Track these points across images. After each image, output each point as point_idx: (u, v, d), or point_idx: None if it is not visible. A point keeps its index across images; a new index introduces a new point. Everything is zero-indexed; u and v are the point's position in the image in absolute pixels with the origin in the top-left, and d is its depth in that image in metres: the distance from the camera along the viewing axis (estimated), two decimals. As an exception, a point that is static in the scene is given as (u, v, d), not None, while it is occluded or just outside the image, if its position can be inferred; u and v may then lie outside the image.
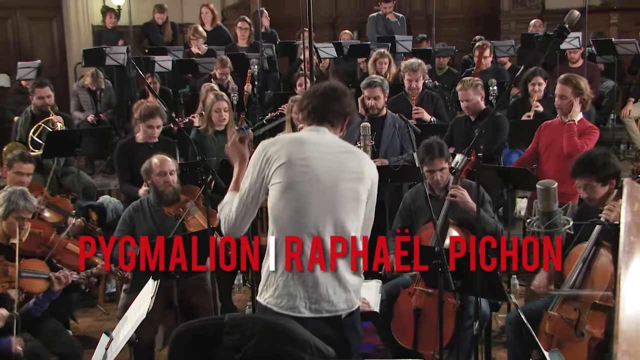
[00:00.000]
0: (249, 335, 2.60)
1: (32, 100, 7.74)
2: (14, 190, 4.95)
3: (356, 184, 3.52)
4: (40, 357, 4.71)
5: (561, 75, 6.21)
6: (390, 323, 5.17)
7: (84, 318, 6.44)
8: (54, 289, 4.66)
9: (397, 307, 5.15)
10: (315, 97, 3.58)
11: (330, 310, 3.47)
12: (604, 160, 4.65)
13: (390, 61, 9.17)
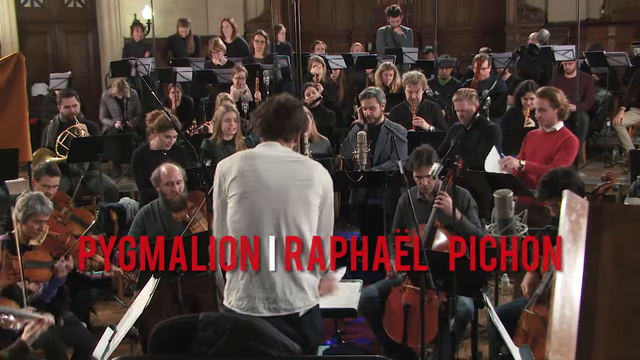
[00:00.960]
0: (221, 332, 2.63)
1: (59, 109, 7.83)
2: (31, 196, 5.01)
3: (305, 190, 3.56)
4: (56, 347, 4.71)
5: (538, 90, 6.24)
6: (382, 319, 5.20)
7: (104, 311, 6.50)
8: (58, 276, 4.73)
9: (389, 304, 5.18)
10: (268, 116, 3.63)
11: (288, 309, 3.53)
12: (565, 180, 4.60)
13: (395, 73, 9.18)
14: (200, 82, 10.33)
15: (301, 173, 3.60)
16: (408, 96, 7.69)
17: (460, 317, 4.80)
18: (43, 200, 5.00)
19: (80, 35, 14.33)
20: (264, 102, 3.83)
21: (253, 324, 2.73)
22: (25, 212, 4.93)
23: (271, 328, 2.77)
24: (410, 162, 5.29)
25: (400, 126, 6.96)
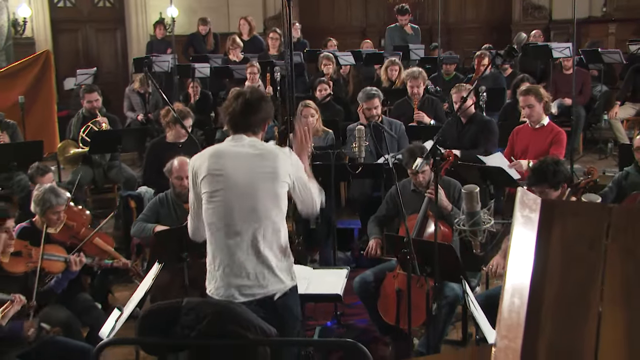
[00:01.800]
0: (202, 317, 2.69)
1: (82, 104, 7.93)
2: (45, 189, 5.06)
3: (272, 183, 3.59)
4: (73, 326, 4.82)
5: (520, 88, 6.24)
6: (377, 302, 5.23)
7: (122, 292, 6.56)
8: (72, 270, 4.78)
9: (383, 289, 5.19)
10: (235, 114, 3.65)
11: (262, 294, 3.55)
12: (554, 168, 4.62)
13: (400, 68, 9.20)
14: (218, 78, 10.39)
15: (266, 165, 3.60)
16: (410, 91, 7.70)
17: (450, 301, 4.84)
18: (57, 192, 5.07)
19: (109, 33, 14.36)
20: (230, 98, 3.79)
21: (232, 309, 2.79)
22: (42, 206, 5.00)
23: (249, 313, 2.83)
24: (404, 159, 5.31)
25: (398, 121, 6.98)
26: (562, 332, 1.98)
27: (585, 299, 1.98)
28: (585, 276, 2.00)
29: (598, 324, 1.93)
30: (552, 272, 2.05)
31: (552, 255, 2.06)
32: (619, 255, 1.99)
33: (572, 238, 2.06)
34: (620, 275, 1.97)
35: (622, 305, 1.94)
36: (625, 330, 1.90)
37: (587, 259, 2.02)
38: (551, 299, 2.02)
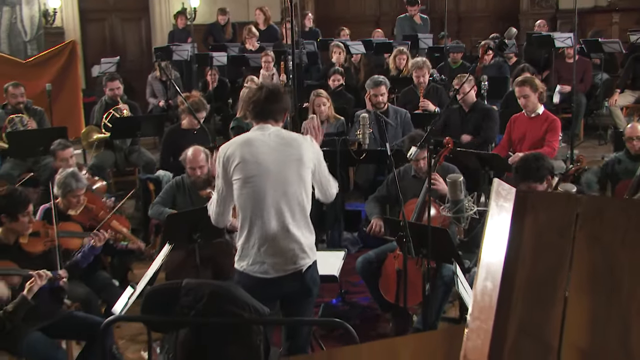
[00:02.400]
0: (200, 297, 2.75)
1: (105, 91, 8.00)
2: (67, 174, 5.14)
3: (299, 168, 3.70)
4: (92, 302, 4.89)
5: (517, 79, 6.24)
6: (379, 281, 5.26)
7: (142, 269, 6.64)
8: (96, 246, 4.81)
9: (384, 268, 5.21)
10: (259, 101, 3.75)
11: (293, 268, 3.69)
12: (536, 165, 4.62)
13: (408, 57, 9.17)
14: (235, 66, 10.40)
15: (293, 153, 3.71)
16: (415, 80, 7.71)
17: (447, 281, 4.86)
18: (78, 177, 5.15)
19: (134, 22, 14.37)
20: (255, 89, 3.90)
21: (228, 290, 2.84)
22: (63, 189, 5.10)
23: (244, 293, 2.89)
24: (405, 146, 5.33)
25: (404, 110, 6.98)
26: (531, 313, 2.00)
27: (553, 284, 2.00)
28: (555, 262, 2.02)
29: (564, 307, 1.95)
30: (524, 258, 2.07)
31: (524, 242, 2.07)
32: (587, 243, 2.00)
33: (543, 226, 2.08)
34: (587, 262, 1.98)
35: (587, 290, 1.96)
36: (589, 314, 1.92)
37: (557, 246, 2.04)
38: (522, 283, 2.05)
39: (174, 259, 5.32)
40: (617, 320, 1.84)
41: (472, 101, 6.64)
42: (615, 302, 1.88)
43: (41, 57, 9.20)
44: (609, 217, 1.99)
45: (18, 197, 4.41)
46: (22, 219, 4.39)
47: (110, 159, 7.61)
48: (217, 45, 11.03)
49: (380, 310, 5.44)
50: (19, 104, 7.68)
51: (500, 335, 1.96)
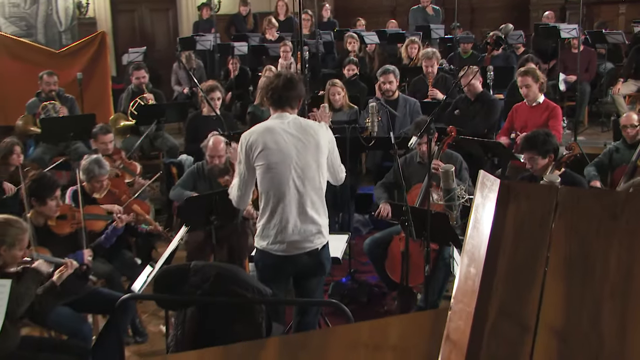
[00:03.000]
0: (207, 278, 2.81)
1: (131, 80, 8.07)
2: (91, 160, 5.23)
3: (317, 154, 3.79)
4: (115, 280, 5.01)
5: (519, 70, 6.22)
6: (385, 262, 5.33)
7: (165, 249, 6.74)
8: (117, 228, 4.89)
9: (391, 250, 5.28)
10: (278, 87, 3.80)
11: (310, 247, 3.79)
12: (544, 138, 4.68)
13: (419, 47, 9.14)
14: (255, 55, 10.41)
15: (311, 140, 3.79)
16: (425, 70, 7.70)
17: (448, 262, 4.89)
18: (101, 164, 5.24)
19: (162, 12, 14.35)
20: (272, 77, 3.94)
21: (233, 272, 2.91)
22: (87, 175, 5.20)
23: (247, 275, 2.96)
24: (411, 133, 5.35)
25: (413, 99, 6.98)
26: (510, 297, 2.02)
27: (532, 270, 2.02)
28: (534, 249, 2.04)
29: (541, 291, 1.97)
30: (505, 245, 2.08)
31: (506, 230, 2.09)
32: (564, 232, 2.01)
33: (524, 215, 2.09)
34: (564, 249, 2.00)
35: (563, 276, 1.98)
36: (564, 297, 1.94)
37: (536, 235, 2.05)
38: (503, 269, 2.07)
39: (193, 239, 5.41)
40: (589, 303, 1.85)
41: (478, 92, 6.62)
42: (588, 287, 1.89)
43: (73, 47, 9.28)
44: (585, 207, 2.01)
45: (47, 182, 4.50)
46: (51, 203, 4.48)
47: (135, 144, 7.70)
48: (238, 35, 11.05)
49: (387, 289, 5.51)
50: (51, 92, 7.78)
51: (481, 317, 1.99)
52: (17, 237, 3.72)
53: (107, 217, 5.00)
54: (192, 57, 10.00)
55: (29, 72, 8.31)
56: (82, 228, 4.61)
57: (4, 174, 6.04)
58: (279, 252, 3.76)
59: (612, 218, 1.94)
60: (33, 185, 4.49)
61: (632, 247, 1.89)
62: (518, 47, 9.67)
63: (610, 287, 1.85)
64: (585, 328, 1.81)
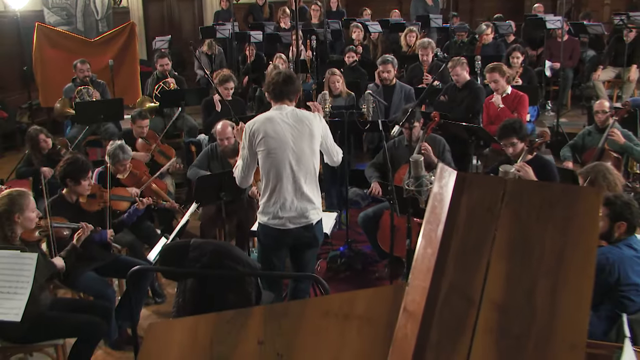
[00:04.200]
0: (204, 253, 2.91)
1: (156, 67, 8.16)
2: (115, 146, 5.35)
3: (311, 142, 3.88)
4: (137, 247, 5.14)
5: (487, 66, 6.27)
6: (377, 234, 5.41)
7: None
8: (139, 209, 4.98)
9: (381, 223, 5.34)
10: (278, 83, 3.90)
11: (305, 222, 3.90)
12: (520, 124, 4.73)
13: (417, 35, 9.12)
14: (270, 42, 10.41)
15: (306, 129, 3.88)
16: (420, 58, 7.69)
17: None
18: (124, 149, 5.36)
19: (188, 2, 14.30)
20: (274, 74, 4.03)
21: (227, 248, 3.01)
22: (112, 159, 5.33)
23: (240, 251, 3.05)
24: (399, 119, 5.40)
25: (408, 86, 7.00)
26: (460, 274, 2.07)
27: (479, 251, 2.07)
28: (482, 233, 2.08)
29: (486, 270, 2.02)
30: (458, 229, 2.12)
31: (460, 216, 2.13)
32: (509, 218, 2.05)
33: (475, 203, 2.13)
34: (508, 233, 2.05)
35: (505, 256, 2.04)
36: (505, 275, 1.98)
37: (485, 220, 2.09)
38: (455, 250, 2.12)
39: (206, 212, 5.53)
40: (526, 280, 1.89)
41: (465, 80, 6.63)
42: (526, 266, 1.93)
43: (105, 36, 9.36)
44: (528, 197, 2.06)
45: (81, 165, 4.57)
46: (84, 183, 4.57)
47: (160, 124, 7.77)
48: (255, 24, 11.04)
49: (379, 258, 5.59)
50: (85, 78, 7.90)
51: (434, 292, 2.06)
52: (23, 202, 3.79)
53: (131, 199, 5.10)
54: (214, 44, 10.05)
55: (67, 60, 8.41)
56: (108, 207, 4.71)
57: (38, 157, 6.14)
58: (278, 226, 3.88)
59: (549, 206, 2.00)
60: (68, 167, 4.55)
61: (565, 232, 1.95)
62: (508, 36, 9.59)
63: (545, 267, 1.90)
64: (521, 302, 1.86)
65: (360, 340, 2.10)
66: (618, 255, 3.22)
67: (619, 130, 5.60)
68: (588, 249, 1.95)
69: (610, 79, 9.22)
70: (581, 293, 1.89)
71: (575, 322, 1.86)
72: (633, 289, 3.18)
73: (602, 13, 11.56)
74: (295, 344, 2.14)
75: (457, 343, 1.89)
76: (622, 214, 3.31)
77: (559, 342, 1.83)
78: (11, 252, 3.39)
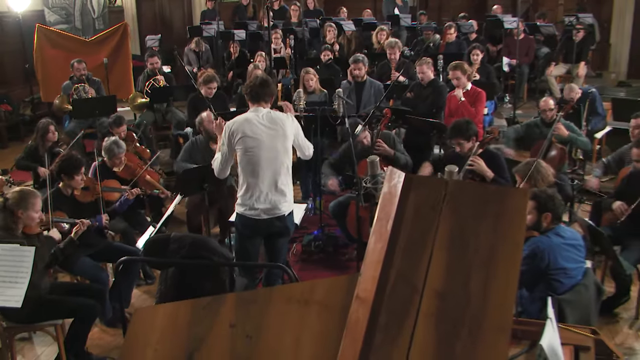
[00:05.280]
0: (184, 245, 2.99)
1: (146, 65, 8.14)
2: (111, 142, 5.40)
3: (284, 141, 3.95)
4: (129, 234, 5.18)
5: (451, 64, 6.33)
6: (346, 220, 5.50)
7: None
8: (129, 199, 5.05)
9: (350, 211, 5.42)
10: (255, 86, 3.97)
11: (278, 213, 3.97)
12: (466, 126, 4.81)
13: (387, 34, 9.15)
14: (253, 40, 10.40)
15: (279, 130, 3.95)
16: (389, 56, 7.72)
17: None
18: (119, 144, 5.40)
19: (179, 1, 14.18)
20: (252, 79, 4.11)
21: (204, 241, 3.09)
22: (108, 154, 5.36)
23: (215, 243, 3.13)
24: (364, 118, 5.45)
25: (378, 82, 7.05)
26: (406, 265, 2.14)
27: (423, 244, 2.14)
28: (426, 228, 2.16)
29: (429, 260, 2.11)
30: (405, 225, 2.18)
31: (407, 213, 2.19)
32: (449, 214, 2.12)
33: (420, 201, 2.20)
34: (448, 228, 2.12)
35: (445, 248, 2.10)
36: (445, 265, 2.06)
37: (428, 216, 2.15)
38: (402, 243, 2.18)
39: (192, 200, 5.58)
40: (462, 270, 1.96)
41: (430, 78, 6.64)
42: (462, 258, 2.01)
43: (100, 36, 9.30)
44: (465, 196, 2.15)
45: (74, 162, 4.62)
46: (77, 178, 4.62)
47: (151, 118, 7.81)
48: (239, 23, 11.01)
49: (348, 241, 5.67)
50: (82, 76, 7.87)
51: (383, 281, 2.13)
52: (30, 202, 3.84)
53: (121, 190, 5.14)
54: (201, 42, 10.03)
55: (65, 58, 8.38)
56: (101, 198, 4.77)
57: (43, 148, 6.16)
58: (254, 216, 3.95)
59: (484, 204, 2.08)
60: (63, 164, 4.61)
61: (496, 227, 2.03)
62: (471, 34, 9.65)
63: (479, 259, 1.99)
64: (458, 289, 1.93)
65: (319, 323, 2.18)
66: (547, 243, 3.35)
67: (563, 124, 5.72)
68: (515, 243, 2.05)
69: (561, 74, 9.33)
70: (508, 282, 1.98)
71: (503, 307, 1.96)
72: (562, 272, 3.31)
73: (557, 12, 11.61)
74: (263, 326, 2.22)
75: (402, 326, 1.98)
76: (547, 206, 3.43)
77: (489, 325, 1.92)
78: (12, 245, 3.45)
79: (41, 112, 9.78)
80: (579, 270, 3.36)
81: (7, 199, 3.80)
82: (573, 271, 3.33)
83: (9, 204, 3.80)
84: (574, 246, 3.38)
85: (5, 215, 3.81)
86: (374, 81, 7.01)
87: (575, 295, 3.25)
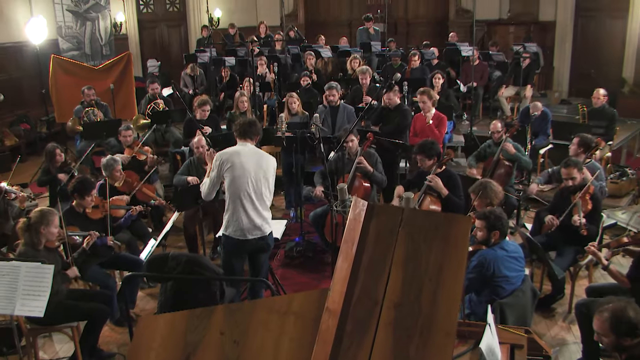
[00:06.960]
0: (180, 263, 3.06)
1: (148, 90, 8.18)
2: (108, 159, 5.46)
3: (266, 173, 4.05)
4: (133, 244, 5.23)
5: (419, 90, 6.43)
6: (324, 228, 5.59)
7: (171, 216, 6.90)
8: (133, 214, 5.13)
9: (327, 220, 5.48)
10: (244, 125, 4.08)
11: (260, 234, 4.05)
12: (431, 146, 4.93)
13: (360, 61, 9.25)
14: (241, 65, 10.43)
15: (262, 163, 4.07)
16: (360, 82, 7.80)
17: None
18: (114, 159, 5.49)
19: (176, 29, 14.26)
20: (241, 119, 4.23)
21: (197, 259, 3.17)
22: (108, 169, 5.41)
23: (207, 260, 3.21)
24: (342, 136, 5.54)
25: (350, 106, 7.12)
26: (369, 281, 2.20)
27: (383, 263, 2.20)
28: (385, 249, 2.24)
29: (388, 277, 2.18)
30: (368, 247, 2.25)
31: (369, 237, 2.26)
32: (405, 237, 2.18)
33: (381, 226, 2.26)
34: (404, 249, 2.18)
35: (402, 266, 2.18)
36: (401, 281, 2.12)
37: (388, 239, 2.21)
38: (365, 263, 2.24)
39: (188, 213, 5.64)
40: (415, 285, 2.03)
41: (395, 103, 6.67)
42: (415, 274, 2.08)
43: (107, 64, 9.28)
44: (418, 222, 2.24)
45: (86, 184, 4.70)
46: (87, 198, 4.69)
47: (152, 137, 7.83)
48: (229, 50, 11.03)
49: (325, 247, 5.74)
50: (91, 101, 7.92)
51: (349, 294, 2.21)
52: (49, 219, 3.92)
53: (126, 207, 5.21)
54: (195, 67, 10.07)
55: (77, 84, 8.36)
56: (108, 215, 4.84)
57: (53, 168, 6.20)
58: (239, 237, 4.03)
59: (434, 229, 2.20)
60: (78, 185, 4.67)
61: (444, 248, 2.14)
62: (433, 60, 9.80)
63: (429, 275, 2.08)
64: (412, 301, 2.02)
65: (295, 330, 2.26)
66: (493, 255, 3.49)
67: (510, 143, 5.88)
68: (459, 261, 2.16)
69: (511, 95, 9.52)
70: (454, 294, 2.10)
71: (449, 315, 2.07)
72: (504, 280, 3.45)
73: (508, 40, 11.81)
74: (248, 333, 2.30)
75: (365, 333, 2.08)
76: (496, 225, 3.57)
77: (437, 331, 2.03)
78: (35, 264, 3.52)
79: (55, 129, 9.87)
80: (519, 277, 3.51)
81: (29, 219, 3.87)
82: (513, 279, 3.47)
83: (32, 222, 3.87)
84: (515, 258, 3.53)
85: (30, 234, 3.87)
86: (347, 105, 7.08)
87: (514, 299, 3.39)
